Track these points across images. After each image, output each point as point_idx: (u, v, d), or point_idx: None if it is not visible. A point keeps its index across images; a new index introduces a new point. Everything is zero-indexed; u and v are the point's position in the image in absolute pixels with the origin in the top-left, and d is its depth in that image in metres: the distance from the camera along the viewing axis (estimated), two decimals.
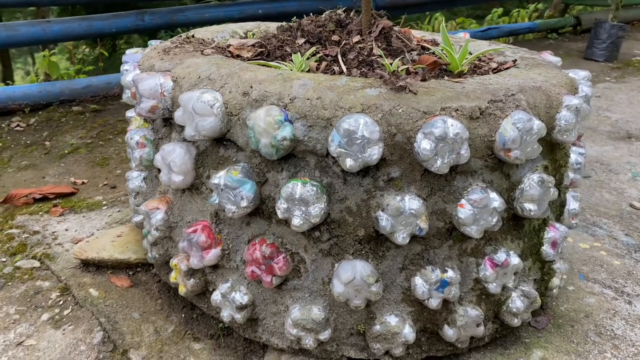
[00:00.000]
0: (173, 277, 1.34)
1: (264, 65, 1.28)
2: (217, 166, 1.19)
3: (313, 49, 1.32)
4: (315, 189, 1.05)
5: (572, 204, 1.42)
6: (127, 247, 1.66)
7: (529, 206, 1.16)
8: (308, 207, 1.05)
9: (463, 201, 1.09)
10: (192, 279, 1.29)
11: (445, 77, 1.20)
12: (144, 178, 1.43)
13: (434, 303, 1.14)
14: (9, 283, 1.59)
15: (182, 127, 1.26)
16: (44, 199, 2.14)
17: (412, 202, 1.05)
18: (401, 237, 1.06)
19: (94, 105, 3.23)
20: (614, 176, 2.43)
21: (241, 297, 1.21)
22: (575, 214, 1.43)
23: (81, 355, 1.32)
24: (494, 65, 1.40)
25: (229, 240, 1.21)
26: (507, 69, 1.37)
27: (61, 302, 1.52)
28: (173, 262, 1.32)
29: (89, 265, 1.65)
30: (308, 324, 1.16)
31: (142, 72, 1.24)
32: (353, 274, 1.10)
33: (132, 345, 1.35)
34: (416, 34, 1.78)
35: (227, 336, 1.38)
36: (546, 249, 1.29)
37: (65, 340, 1.37)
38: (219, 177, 1.11)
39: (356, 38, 1.41)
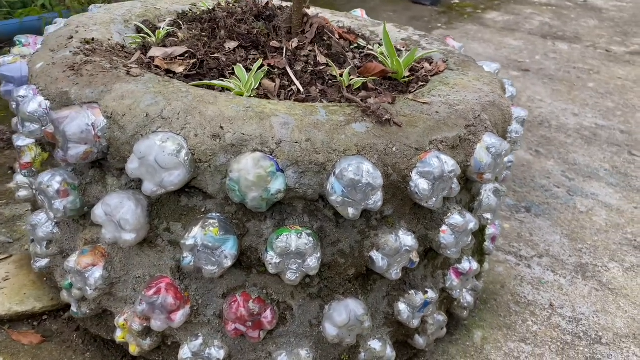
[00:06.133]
0: (120, 336, 1.15)
1: (208, 86, 1.10)
2: (179, 218, 1.02)
3: (260, 61, 1.16)
4: (312, 240, 0.97)
5: None
6: (25, 294, 1.37)
7: (487, 215, 1.24)
8: (305, 259, 0.97)
9: (444, 227, 1.11)
10: (148, 339, 1.12)
11: (410, 96, 1.16)
12: (56, 223, 1.16)
13: (415, 323, 1.17)
14: None
15: (120, 170, 1.05)
16: None
17: (405, 239, 1.04)
18: (395, 273, 1.05)
19: None
20: None
21: (217, 352, 1.10)
22: None
23: None
24: (427, 66, 1.40)
25: (198, 295, 1.07)
26: (442, 71, 1.38)
27: None
28: (119, 321, 1.13)
29: None
30: None
31: (63, 109, 0.97)
32: (348, 316, 1.06)
33: None
34: (328, 16, 1.69)
35: None
36: (487, 244, 1.40)
37: None
38: (194, 237, 0.95)
39: (295, 42, 1.28)
